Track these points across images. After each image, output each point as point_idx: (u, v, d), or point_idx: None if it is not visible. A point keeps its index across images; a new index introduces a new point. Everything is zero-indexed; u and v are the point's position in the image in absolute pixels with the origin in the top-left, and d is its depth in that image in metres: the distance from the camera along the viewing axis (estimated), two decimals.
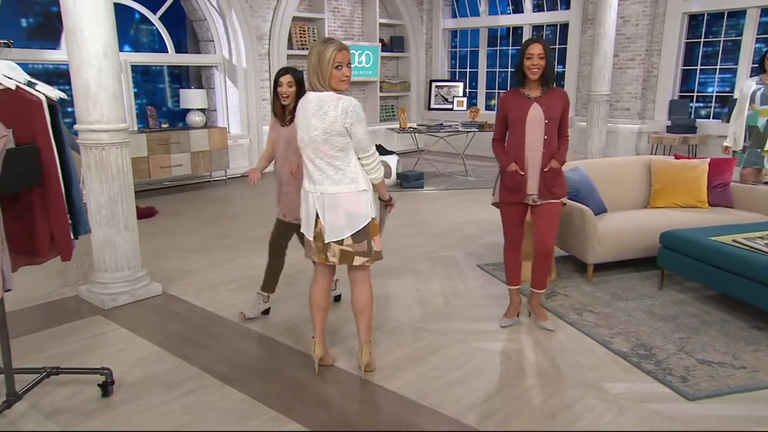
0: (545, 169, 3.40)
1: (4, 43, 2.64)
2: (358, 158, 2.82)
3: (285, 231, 3.77)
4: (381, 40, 10.88)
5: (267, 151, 3.85)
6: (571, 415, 2.75)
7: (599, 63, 8.96)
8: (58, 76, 7.94)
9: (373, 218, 2.89)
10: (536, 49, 3.26)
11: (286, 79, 3.49)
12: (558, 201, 3.51)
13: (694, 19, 9.15)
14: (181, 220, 6.51)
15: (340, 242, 2.86)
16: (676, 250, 4.07)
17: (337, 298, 4.10)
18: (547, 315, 3.77)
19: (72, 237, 2.80)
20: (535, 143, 3.37)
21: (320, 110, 2.72)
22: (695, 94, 9.29)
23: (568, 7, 10.07)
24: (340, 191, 2.82)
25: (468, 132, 8.88)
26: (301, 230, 3.03)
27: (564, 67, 10.21)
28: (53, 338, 3.63)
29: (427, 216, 6.74)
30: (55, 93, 2.71)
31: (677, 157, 5.39)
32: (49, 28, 8.34)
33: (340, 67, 2.72)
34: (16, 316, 3.84)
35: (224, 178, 8.62)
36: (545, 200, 3.47)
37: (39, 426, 2.71)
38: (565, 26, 10.19)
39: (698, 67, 9.22)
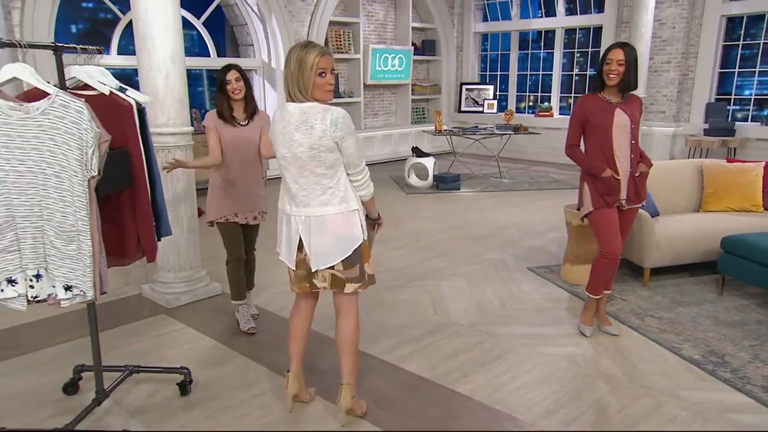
0: (636, 174, 3.35)
1: (96, 50, 2.65)
2: (348, 174, 2.48)
3: (237, 230, 3.68)
4: (413, 44, 10.85)
5: (214, 155, 3.47)
6: (654, 424, 2.69)
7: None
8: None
9: (364, 240, 2.54)
10: (617, 54, 3.20)
11: (234, 74, 3.37)
12: (640, 205, 3.47)
13: (731, 22, 8.99)
14: None
15: (331, 266, 2.52)
16: (739, 255, 3.98)
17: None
18: (610, 320, 3.70)
19: (156, 239, 2.81)
20: (623, 148, 3.31)
21: (305, 123, 2.37)
22: (732, 96, 9.11)
23: (600, 10, 9.94)
24: (328, 213, 2.45)
25: (503, 134, 8.81)
26: (280, 258, 2.67)
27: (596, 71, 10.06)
28: (123, 336, 3.65)
29: (467, 218, 6.68)
30: (143, 98, 2.72)
31: (729, 161, 5.28)
32: (97, 34, 8.43)
33: (323, 74, 2.36)
34: (74, 317, 3.86)
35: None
36: (632, 205, 3.42)
37: (124, 424, 2.71)
38: (597, 29, 10.06)
39: (736, 70, 9.04)
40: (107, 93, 2.55)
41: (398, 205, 7.27)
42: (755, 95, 9.00)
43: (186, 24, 8.62)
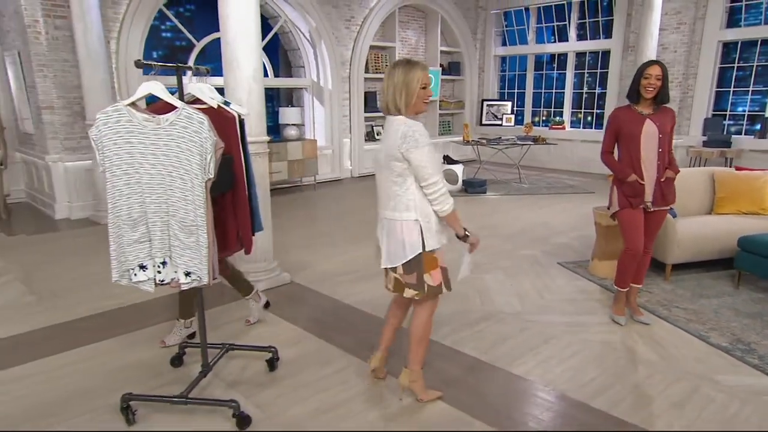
0: (662, 179, 3.25)
1: (206, 70, 2.64)
2: (421, 187, 2.34)
3: None
4: (441, 65, 10.76)
5: None
6: (696, 405, 2.60)
7: None
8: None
9: (427, 251, 2.39)
10: (655, 70, 3.11)
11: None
12: (668, 207, 3.36)
13: (727, 47, 8.74)
14: (287, 219, 6.54)
15: (394, 269, 2.45)
16: (755, 253, 3.85)
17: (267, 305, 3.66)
18: (642, 310, 3.60)
19: (252, 234, 2.79)
20: (650, 155, 3.22)
21: (388, 133, 2.37)
22: (728, 112, 8.86)
23: (608, 36, 9.75)
24: (395, 217, 2.38)
25: (524, 145, 8.69)
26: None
27: (605, 89, 9.89)
28: (212, 318, 3.62)
29: (496, 218, 6.59)
30: (243, 110, 2.71)
31: (738, 169, 5.12)
32: (174, 59, 8.52)
33: (425, 87, 2.33)
34: (170, 300, 3.87)
35: (313, 183, 8.65)
36: (659, 207, 3.32)
37: (224, 393, 2.71)
38: (605, 53, 9.86)
39: (731, 89, 8.80)
40: (215, 106, 2.54)
41: None
42: (748, 111, 8.75)
43: None
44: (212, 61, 8.29)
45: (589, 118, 10.49)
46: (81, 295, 4.04)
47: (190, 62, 7.63)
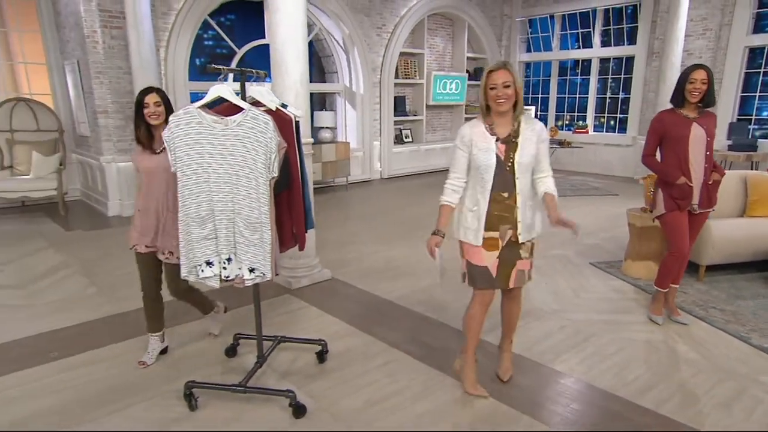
0: (709, 182, 3.14)
1: (264, 74, 2.64)
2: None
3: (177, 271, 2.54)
4: (467, 71, 10.65)
5: (139, 188, 2.75)
6: (744, 406, 2.49)
7: (665, 90, 8.40)
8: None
9: (461, 239, 2.47)
10: (700, 75, 3.00)
11: (153, 98, 2.59)
12: (711, 210, 3.25)
13: (753, 52, 8.44)
14: (323, 218, 6.54)
15: None
16: None
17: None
18: (679, 310, 3.49)
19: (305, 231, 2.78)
20: (698, 158, 3.11)
21: None
22: (753, 117, 8.57)
23: (632, 42, 9.52)
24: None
25: (550, 148, 8.53)
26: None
27: (628, 94, 9.67)
28: (248, 312, 3.64)
29: None
30: (299, 113, 2.69)
31: None
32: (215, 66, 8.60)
33: (493, 88, 2.27)
34: (224, 293, 3.90)
35: (345, 183, 8.65)
36: (704, 209, 3.21)
37: (277, 383, 2.70)
38: (629, 59, 9.64)
39: (756, 94, 8.50)
40: (274, 109, 2.53)
41: None
42: None
43: None
44: (251, 67, 8.37)
45: (612, 122, 10.27)
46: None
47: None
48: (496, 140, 2.35)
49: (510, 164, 2.34)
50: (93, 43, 6.08)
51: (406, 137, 9.99)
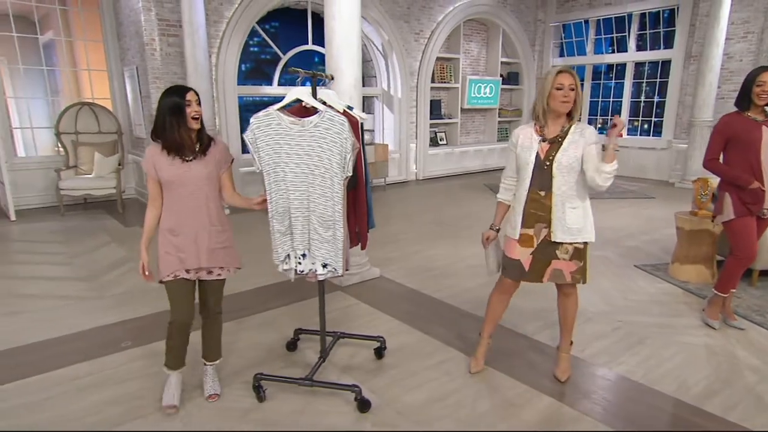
0: None
1: (331, 77, 2.62)
2: None
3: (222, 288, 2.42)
4: (501, 75, 10.49)
5: (156, 206, 2.26)
6: None
7: (703, 94, 8.11)
8: (270, 105, 8.27)
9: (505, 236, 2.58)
10: None
11: (194, 96, 2.16)
12: None
13: None
14: None
15: None
16: None
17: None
18: (735, 315, 3.32)
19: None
20: None
21: None
22: None
23: (668, 46, 9.20)
24: None
25: None
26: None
27: (663, 98, 9.35)
28: (313, 307, 3.63)
29: None
30: (363, 115, 2.67)
31: None
32: (259, 71, 8.72)
33: (560, 88, 2.28)
34: (277, 289, 3.92)
35: (383, 184, 8.63)
36: None
37: (338, 378, 2.68)
38: (665, 62, 9.31)
39: None
40: (341, 111, 2.51)
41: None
42: None
43: (323, 59, 8.75)
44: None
45: (646, 126, 9.95)
46: None
47: (277, 73, 7.78)
48: (542, 140, 2.37)
49: (549, 163, 2.34)
50: (151, 50, 6.22)
51: (440, 140, 9.90)
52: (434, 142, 9.77)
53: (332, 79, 2.71)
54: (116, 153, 6.88)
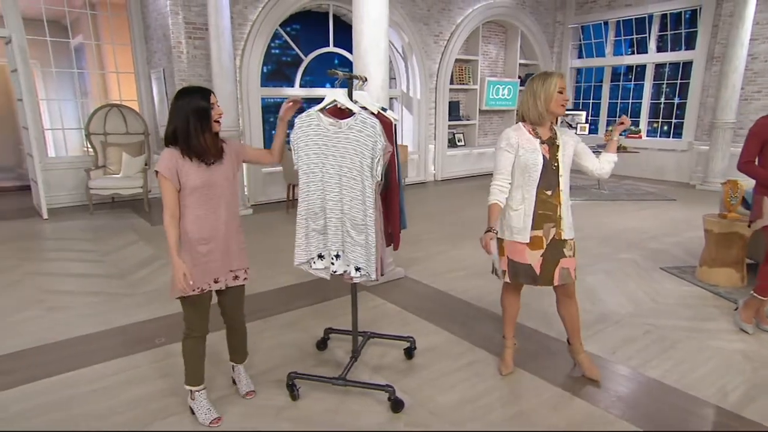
0: None
1: (364, 78, 2.61)
2: None
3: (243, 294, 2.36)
4: (519, 77, 10.39)
5: (176, 216, 2.06)
6: None
7: (726, 95, 7.94)
8: None
9: (503, 238, 2.51)
10: None
11: (215, 98, 2.08)
12: None
13: None
14: None
15: None
16: None
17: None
18: None
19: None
20: None
21: None
22: None
23: (689, 47, 9.02)
24: None
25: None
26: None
27: (684, 99, 9.17)
28: (340, 306, 3.64)
29: (583, 223, 6.21)
30: (396, 116, 2.65)
31: None
32: (279, 72, 8.76)
33: (561, 92, 2.36)
34: (298, 289, 3.93)
35: (403, 185, 8.58)
36: None
37: (370, 377, 2.66)
38: (686, 64, 9.14)
39: None
40: (376, 112, 2.50)
41: None
42: None
43: (344, 62, 8.76)
44: (313, 74, 8.45)
45: (666, 128, 9.77)
46: None
47: (299, 75, 7.80)
48: (540, 142, 2.41)
49: (556, 163, 2.41)
50: (178, 53, 6.28)
51: (458, 141, 9.85)
52: (452, 143, 9.72)
53: (365, 80, 2.70)
54: (143, 153, 6.97)
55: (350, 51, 5.08)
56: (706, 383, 2.60)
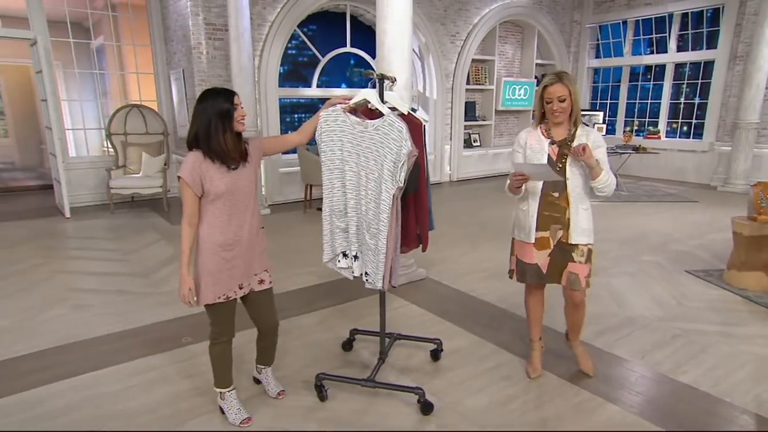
0: None
1: (394, 78, 2.59)
2: None
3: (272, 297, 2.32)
4: (536, 77, 10.30)
5: (194, 223, 2.01)
6: None
7: (750, 95, 7.79)
8: (307, 106, 8.33)
9: (515, 237, 2.57)
10: None
11: (239, 99, 2.03)
12: None
13: None
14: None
15: None
16: None
17: None
18: None
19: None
20: None
21: None
22: None
23: (711, 46, 8.86)
24: None
25: (623, 153, 8.11)
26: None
27: (705, 99, 9.02)
28: (365, 307, 3.62)
29: (605, 224, 6.11)
30: (426, 117, 2.63)
31: None
32: (296, 73, 8.75)
33: (549, 102, 2.32)
34: (321, 289, 3.91)
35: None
36: None
37: (397, 378, 2.64)
38: (707, 63, 8.98)
39: None
40: (405, 113, 2.48)
41: None
42: None
43: (361, 62, 8.75)
44: (329, 74, 8.45)
45: (685, 128, 9.61)
46: None
47: (316, 75, 7.81)
48: (551, 143, 2.38)
49: (561, 165, 2.34)
50: (198, 53, 6.32)
51: (474, 141, 9.79)
52: (468, 143, 9.67)
53: (395, 81, 2.68)
54: (162, 153, 7.02)
55: (367, 51, 5.03)
56: (742, 390, 2.54)
